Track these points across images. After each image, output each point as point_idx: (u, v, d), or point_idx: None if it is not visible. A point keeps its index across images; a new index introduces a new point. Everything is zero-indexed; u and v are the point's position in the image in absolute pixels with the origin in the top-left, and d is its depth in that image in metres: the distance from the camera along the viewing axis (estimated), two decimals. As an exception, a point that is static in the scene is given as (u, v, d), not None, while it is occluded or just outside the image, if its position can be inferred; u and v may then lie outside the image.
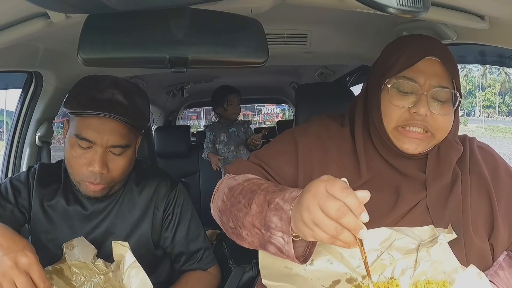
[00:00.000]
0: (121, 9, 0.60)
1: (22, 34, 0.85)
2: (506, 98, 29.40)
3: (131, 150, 1.07)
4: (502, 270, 0.84)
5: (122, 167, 1.05)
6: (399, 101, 0.87)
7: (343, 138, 0.96)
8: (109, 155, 1.02)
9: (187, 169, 2.98)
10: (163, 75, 2.45)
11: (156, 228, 1.13)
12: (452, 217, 0.86)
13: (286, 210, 0.72)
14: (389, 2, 0.52)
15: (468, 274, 0.75)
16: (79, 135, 1.00)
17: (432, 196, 0.88)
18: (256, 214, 0.77)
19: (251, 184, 0.85)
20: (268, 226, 0.74)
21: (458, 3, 0.84)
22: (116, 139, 1.01)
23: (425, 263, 0.78)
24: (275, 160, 0.95)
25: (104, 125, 1.00)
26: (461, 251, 0.83)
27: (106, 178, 1.03)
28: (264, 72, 2.78)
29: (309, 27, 1.44)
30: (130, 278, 0.86)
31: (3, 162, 1.57)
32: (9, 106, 3.27)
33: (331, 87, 2.04)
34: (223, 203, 0.89)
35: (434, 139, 0.88)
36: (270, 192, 0.78)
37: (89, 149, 1.01)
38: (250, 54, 0.70)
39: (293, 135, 0.98)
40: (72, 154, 1.02)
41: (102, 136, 0.99)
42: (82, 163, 1.01)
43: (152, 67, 0.73)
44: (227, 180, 0.94)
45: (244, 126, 2.94)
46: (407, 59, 0.87)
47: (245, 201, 0.81)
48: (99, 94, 1.00)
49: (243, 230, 0.80)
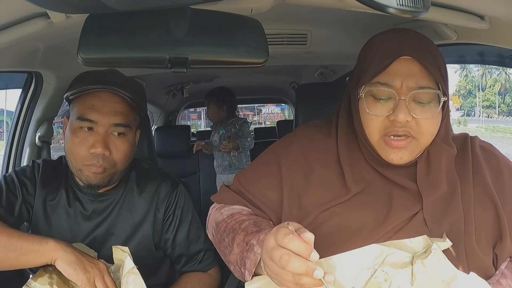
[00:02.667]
0: (121, 9, 0.60)
1: (22, 34, 0.85)
2: (506, 98, 29.40)
3: (131, 135, 1.08)
4: (505, 279, 0.79)
5: (124, 151, 1.05)
6: (376, 109, 0.80)
7: (328, 150, 0.91)
8: (110, 138, 1.03)
9: (187, 169, 2.99)
10: (163, 75, 2.45)
11: (157, 230, 1.13)
12: (453, 231, 0.80)
13: (255, 252, 0.75)
14: (389, 2, 0.52)
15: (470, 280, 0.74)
16: (81, 117, 1.01)
17: (428, 209, 0.81)
18: (238, 253, 0.81)
19: (234, 222, 0.88)
20: (245, 267, 0.78)
21: (458, 3, 0.84)
22: (118, 118, 1.03)
23: (421, 275, 0.74)
24: (257, 185, 0.94)
25: (105, 105, 1.02)
26: (463, 265, 0.78)
27: (108, 160, 1.03)
28: (264, 72, 2.77)
29: (309, 27, 1.44)
30: (128, 284, 0.87)
31: (3, 162, 1.57)
32: (9, 106, 3.27)
33: (331, 87, 2.03)
34: (212, 237, 0.95)
35: (419, 145, 0.82)
36: (249, 233, 0.81)
37: (91, 132, 1.02)
38: (250, 54, 0.70)
39: (276, 154, 0.95)
40: (74, 141, 1.02)
41: (104, 116, 1.01)
42: (85, 147, 1.01)
43: (152, 67, 0.73)
44: (214, 212, 0.98)
45: (235, 126, 2.86)
46: (379, 62, 0.80)
47: (228, 240, 0.85)
48: (99, 76, 1.04)
49: (230, 265, 0.85)
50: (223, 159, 2.82)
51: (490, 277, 0.80)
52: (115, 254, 0.92)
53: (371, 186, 0.86)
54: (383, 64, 0.79)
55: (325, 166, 0.89)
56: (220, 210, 0.96)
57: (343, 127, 0.91)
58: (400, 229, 0.82)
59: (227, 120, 2.88)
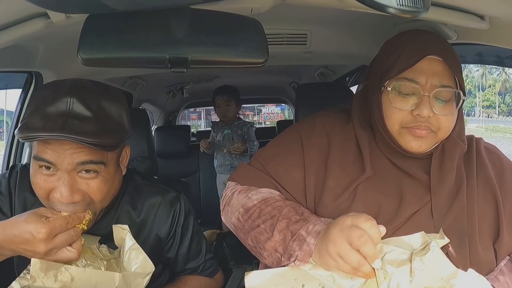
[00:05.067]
0: (121, 9, 0.60)
1: (22, 34, 0.85)
2: (506, 98, 29.40)
3: (111, 169, 0.89)
4: (503, 275, 0.82)
5: (100, 191, 0.86)
6: (400, 103, 0.85)
7: (347, 136, 0.95)
8: (79, 179, 0.84)
9: (187, 169, 2.99)
10: (163, 75, 2.45)
11: (159, 251, 1.06)
12: (457, 224, 0.84)
13: (309, 243, 0.77)
14: (389, 2, 0.52)
15: (469, 277, 0.75)
16: (37, 156, 0.83)
17: (437, 201, 0.86)
18: (279, 241, 0.82)
19: (270, 208, 0.87)
20: (290, 254, 0.79)
21: (458, 3, 0.84)
22: (83, 155, 0.82)
23: (420, 272, 0.75)
24: (281, 163, 0.94)
25: (63, 145, 0.81)
26: (465, 258, 0.81)
27: (79, 204, 0.84)
28: (264, 72, 2.78)
29: (309, 27, 1.44)
30: (130, 260, 0.86)
31: (3, 162, 1.57)
32: (9, 106, 3.27)
33: (331, 87, 2.04)
34: (238, 222, 0.91)
35: (436, 138, 0.86)
36: (293, 222, 0.82)
37: (51, 171, 0.83)
38: (250, 54, 0.70)
39: (299, 134, 0.97)
40: (34, 179, 0.84)
41: (63, 159, 0.81)
42: (47, 190, 0.84)
43: (152, 67, 0.73)
44: (239, 196, 0.94)
45: (243, 129, 2.86)
46: (406, 59, 0.84)
47: (265, 226, 0.85)
48: (53, 108, 0.81)
49: (264, 252, 0.85)
50: (225, 159, 2.82)
51: (491, 271, 0.83)
52: (115, 233, 0.89)
53: (383, 174, 0.90)
54: (411, 61, 0.83)
55: (343, 152, 0.93)
56: (246, 193, 0.92)
57: (357, 117, 0.95)
58: (407, 220, 0.85)
59: (234, 121, 2.88)
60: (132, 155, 1.07)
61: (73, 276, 0.86)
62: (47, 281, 0.84)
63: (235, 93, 2.85)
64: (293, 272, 0.78)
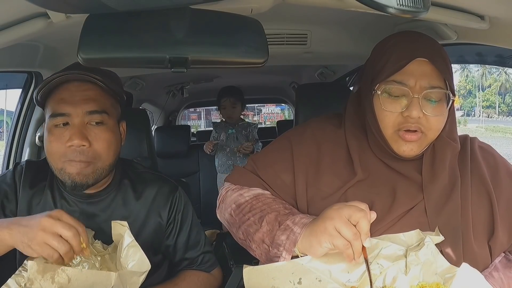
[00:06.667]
0: (121, 9, 0.60)
1: (22, 34, 0.86)
2: (506, 98, 29.42)
3: (112, 122, 1.02)
4: (497, 272, 0.84)
5: (106, 140, 0.99)
6: (391, 106, 0.86)
7: (338, 141, 0.96)
8: (88, 129, 0.98)
9: (187, 169, 2.99)
10: (163, 75, 2.45)
11: (159, 237, 1.10)
12: (451, 221, 0.85)
13: (295, 232, 0.80)
14: (389, 2, 0.52)
15: (463, 271, 0.75)
16: (54, 113, 0.97)
17: (430, 200, 0.87)
18: (266, 232, 0.85)
19: (261, 203, 0.91)
20: (276, 244, 0.82)
21: (458, 3, 0.84)
22: (91, 105, 0.97)
23: (415, 267, 0.77)
24: (272, 169, 0.97)
25: (75, 95, 0.97)
26: (459, 255, 0.83)
27: (89, 153, 0.97)
28: (264, 72, 2.78)
29: (309, 27, 1.44)
30: (128, 257, 0.87)
31: (3, 162, 1.58)
32: (9, 106, 3.28)
33: (331, 87, 2.04)
34: (231, 217, 0.96)
35: (427, 139, 0.88)
36: (281, 214, 0.86)
37: (66, 127, 0.97)
38: (250, 54, 0.70)
39: (289, 141, 0.99)
40: (50, 139, 0.97)
41: (75, 106, 0.96)
42: (61, 143, 0.96)
43: (152, 67, 0.73)
44: (231, 193, 0.98)
45: (247, 129, 2.89)
46: (395, 62, 0.85)
47: (255, 219, 0.88)
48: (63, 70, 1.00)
49: (253, 244, 0.88)
50: (227, 159, 2.83)
51: (486, 268, 0.85)
52: (114, 229, 0.90)
53: (376, 176, 0.91)
54: (399, 64, 0.85)
55: (333, 157, 0.95)
56: (239, 191, 0.97)
57: (349, 121, 0.97)
58: (401, 217, 0.87)
59: (238, 121, 2.91)
60: (132, 155, 1.08)
61: (69, 277, 0.87)
62: (44, 283, 0.85)
63: (241, 95, 2.88)
64: (290, 266, 0.80)
